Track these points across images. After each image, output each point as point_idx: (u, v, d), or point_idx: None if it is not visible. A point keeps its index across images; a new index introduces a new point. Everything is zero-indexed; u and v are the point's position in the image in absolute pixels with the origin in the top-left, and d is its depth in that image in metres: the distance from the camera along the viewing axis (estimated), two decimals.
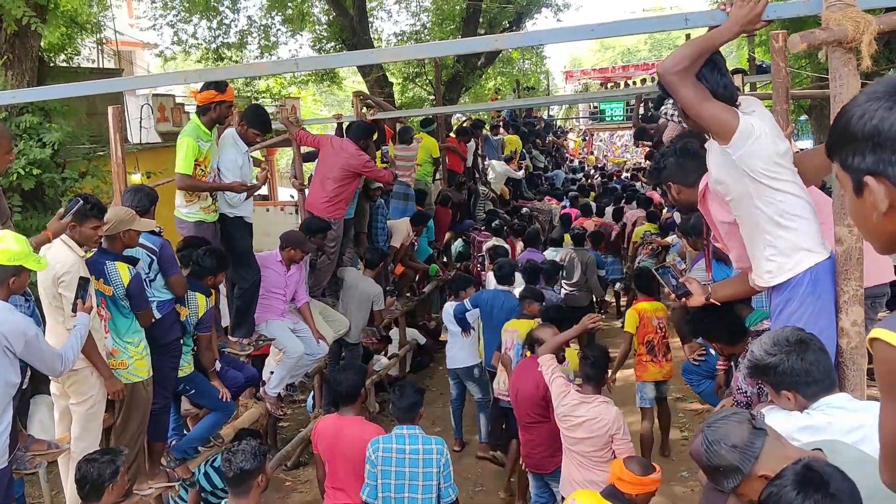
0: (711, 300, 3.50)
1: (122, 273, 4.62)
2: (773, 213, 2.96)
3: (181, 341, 5.22)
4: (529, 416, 5.63)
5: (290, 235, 6.70)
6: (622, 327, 11.80)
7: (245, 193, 6.11)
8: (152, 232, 5.05)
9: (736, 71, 8.77)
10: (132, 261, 4.74)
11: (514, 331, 6.89)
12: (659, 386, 7.16)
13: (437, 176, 12.17)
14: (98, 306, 4.53)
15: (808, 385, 2.59)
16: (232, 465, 3.66)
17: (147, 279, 4.93)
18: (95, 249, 4.67)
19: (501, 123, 17.53)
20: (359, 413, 4.88)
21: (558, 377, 5.14)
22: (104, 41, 16.93)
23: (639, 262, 10.94)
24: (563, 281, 9.80)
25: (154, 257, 4.99)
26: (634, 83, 31.59)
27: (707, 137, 3.17)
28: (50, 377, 4.38)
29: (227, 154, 6.11)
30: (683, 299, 3.55)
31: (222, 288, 6.56)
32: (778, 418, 2.64)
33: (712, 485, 2.41)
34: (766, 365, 2.66)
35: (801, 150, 5.98)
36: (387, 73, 18.35)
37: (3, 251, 3.75)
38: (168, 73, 10.15)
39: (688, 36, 14.35)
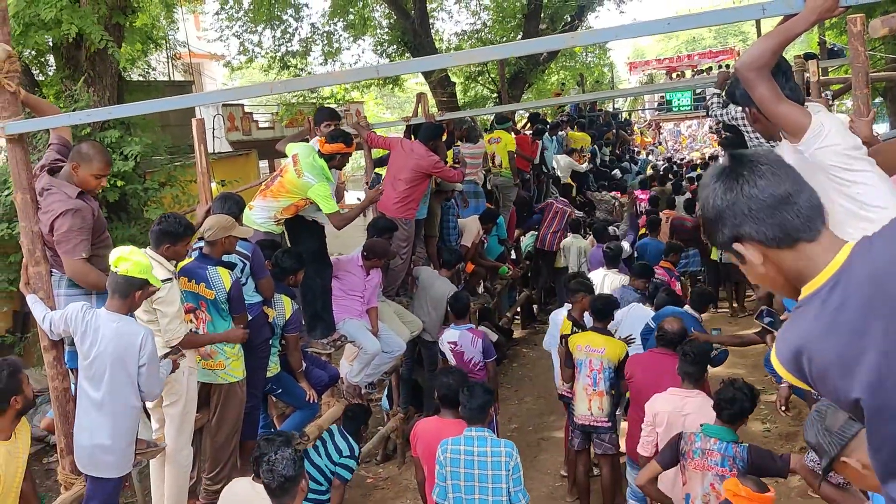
0: None
1: (223, 278, 4.81)
2: (852, 206, 2.93)
3: (270, 342, 5.39)
4: None
5: (374, 246, 6.82)
6: None
7: None
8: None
9: (808, 56, 8.58)
10: (230, 266, 4.95)
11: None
12: None
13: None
14: (198, 309, 4.74)
15: None
16: (275, 474, 3.70)
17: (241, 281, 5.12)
18: (194, 256, 4.93)
19: (567, 119, 17.38)
20: (459, 416, 4.87)
21: None
22: (176, 55, 17.49)
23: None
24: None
25: (247, 262, 5.17)
26: (701, 71, 31.01)
27: (772, 144, 3.19)
28: None
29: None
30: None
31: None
32: None
33: None
34: None
35: (878, 135, 5.86)
36: (449, 74, 18.46)
37: (136, 263, 3.98)
38: (254, 84, 10.42)
39: (757, 23, 14.11)
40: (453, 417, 4.85)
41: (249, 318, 5.10)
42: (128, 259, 3.98)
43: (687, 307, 6.77)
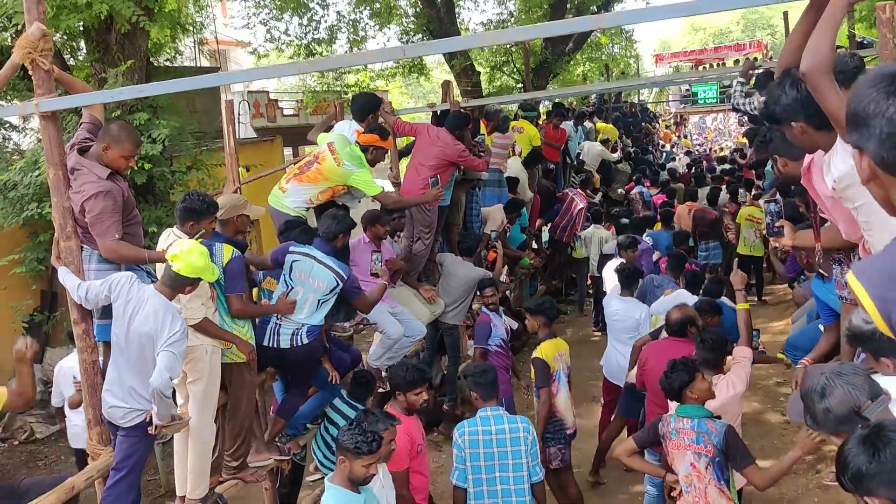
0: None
1: (224, 253, 4.81)
2: None
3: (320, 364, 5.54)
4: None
5: (366, 214, 6.91)
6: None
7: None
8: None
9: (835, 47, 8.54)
10: (240, 245, 5.01)
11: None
12: None
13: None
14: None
15: None
16: (368, 434, 3.67)
17: (323, 300, 5.26)
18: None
19: (593, 109, 17.29)
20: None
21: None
22: (203, 41, 17.61)
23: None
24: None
25: (341, 282, 5.29)
26: (725, 65, 30.73)
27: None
28: None
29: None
30: (773, 238, 3.84)
31: None
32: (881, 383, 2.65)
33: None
34: (863, 333, 2.68)
35: None
36: (474, 63, 18.41)
37: (188, 264, 4.12)
38: (281, 64, 10.45)
39: (785, 14, 13.98)
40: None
41: (307, 341, 5.19)
42: (182, 259, 4.13)
43: (724, 298, 6.64)
